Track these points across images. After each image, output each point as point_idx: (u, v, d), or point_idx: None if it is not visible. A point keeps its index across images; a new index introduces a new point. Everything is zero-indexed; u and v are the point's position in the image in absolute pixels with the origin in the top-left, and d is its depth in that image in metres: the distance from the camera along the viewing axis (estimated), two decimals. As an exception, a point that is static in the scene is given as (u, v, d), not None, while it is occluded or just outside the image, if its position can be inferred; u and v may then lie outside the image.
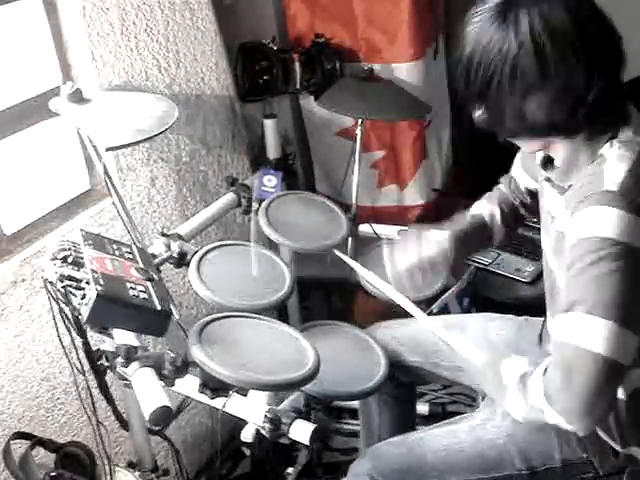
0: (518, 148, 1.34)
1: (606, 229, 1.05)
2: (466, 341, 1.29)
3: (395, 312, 1.55)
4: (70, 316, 1.30)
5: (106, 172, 1.58)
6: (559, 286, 1.23)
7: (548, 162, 1.25)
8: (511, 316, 1.59)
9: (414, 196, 2.39)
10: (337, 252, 1.62)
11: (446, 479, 1.33)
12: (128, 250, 1.39)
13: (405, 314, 1.43)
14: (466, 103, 1.17)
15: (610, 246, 1.04)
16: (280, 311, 2.14)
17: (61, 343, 1.37)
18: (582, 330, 1.03)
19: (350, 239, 1.87)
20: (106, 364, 1.26)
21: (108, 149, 1.46)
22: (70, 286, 1.23)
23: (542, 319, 1.52)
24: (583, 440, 1.29)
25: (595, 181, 1.10)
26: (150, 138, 1.48)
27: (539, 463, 1.31)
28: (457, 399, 2.22)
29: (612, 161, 1.11)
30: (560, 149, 1.18)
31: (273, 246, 1.75)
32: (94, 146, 1.55)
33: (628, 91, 1.22)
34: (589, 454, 1.30)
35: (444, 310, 2.03)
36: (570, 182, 1.18)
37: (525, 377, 1.11)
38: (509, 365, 1.16)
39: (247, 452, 1.91)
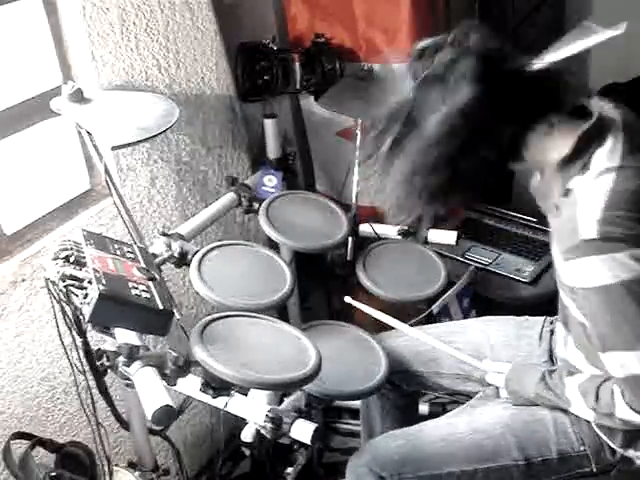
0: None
1: (603, 278, 1.08)
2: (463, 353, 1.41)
3: (395, 312, 1.56)
4: (71, 316, 1.30)
5: (106, 172, 1.58)
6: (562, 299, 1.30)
7: None
8: (511, 317, 1.60)
9: (414, 196, 2.38)
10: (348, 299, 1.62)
11: (444, 470, 1.34)
12: (130, 250, 1.39)
13: (405, 316, 1.44)
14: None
15: (615, 291, 1.07)
16: (280, 311, 2.14)
17: (62, 343, 1.36)
18: (634, 362, 1.10)
19: (350, 239, 1.87)
20: (107, 364, 1.25)
21: (113, 148, 1.46)
22: (72, 285, 1.23)
23: (542, 318, 1.52)
24: (581, 435, 1.31)
25: (574, 228, 1.10)
26: (153, 137, 1.48)
27: (536, 454, 1.33)
28: (457, 399, 2.21)
29: (585, 203, 1.11)
30: (535, 179, 1.22)
31: (273, 246, 1.75)
32: (95, 146, 1.55)
33: (626, 91, 1.22)
34: (586, 448, 1.31)
35: (444, 310, 2.03)
36: (549, 204, 1.20)
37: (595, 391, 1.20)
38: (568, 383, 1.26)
39: (247, 452, 1.91)
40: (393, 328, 1.55)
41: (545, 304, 1.49)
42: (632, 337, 1.09)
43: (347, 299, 1.61)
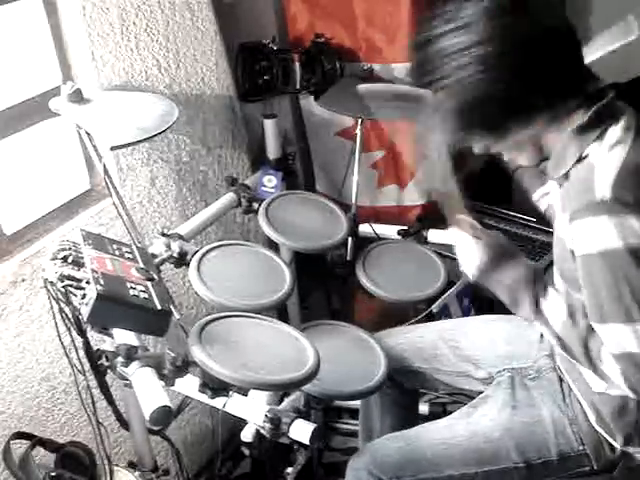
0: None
1: (610, 241, 1.07)
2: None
3: (395, 312, 1.56)
4: (70, 316, 1.30)
5: (106, 172, 1.58)
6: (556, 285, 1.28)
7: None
8: (513, 316, 1.60)
9: (414, 196, 2.38)
10: None
11: (443, 472, 1.35)
12: (128, 250, 1.39)
13: (405, 315, 1.43)
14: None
15: (620, 256, 1.06)
16: (280, 311, 2.14)
17: (61, 343, 1.36)
18: (634, 338, 1.08)
19: (350, 239, 1.87)
20: (106, 364, 1.25)
21: (113, 148, 1.46)
22: (70, 286, 1.23)
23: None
24: (580, 434, 1.31)
25: (587, 188, 1.11)
26: (152, 137, 1.48)
27: (535, 456, 1.33)
28: (457, 399, 2.22)
29: (601, 166, 1.12)
30: (551, 144, 1.19)
31: (273, 246, 1.75)
32: (94, 146, 1.55)
33: (626, 91, 1.22)
34: (586, 447, 1.31)
35: (444, 310, 2.03)
36: (559, 174, 1.20)
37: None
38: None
39: (247, 452, 1.91)
40: (392, 327, 1.54)
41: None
42: (632, 308, 1.07)
43: None
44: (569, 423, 1.32)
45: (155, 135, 1.48)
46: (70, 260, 1.27)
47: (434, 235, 1.90)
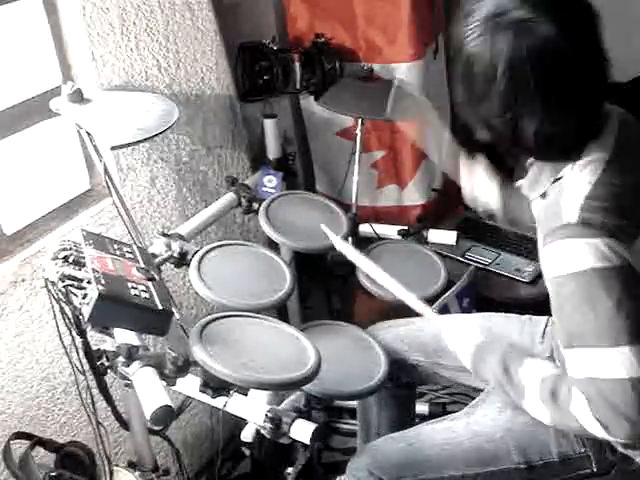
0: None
1: (578, 263, 1.06)
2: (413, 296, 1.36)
3: (396, 312, 1.56)
4: (71, 316, 1.30)
5: (106, 172, 1.58)
6: None
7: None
8: (514, 314, 1.60)
9: (414, 196, 2.39)
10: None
11: (444, 473, 1.34)
12: (129, 250, 1.39)
13: (406, 313, 1.43)
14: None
15: (588, 278, 1.05)
16: (280, 311, 2.14)
17: (62, 343, 1.36)
18: (599, 363, 1.05)
19: (350, 239, 1.87)
20: (107, 364, 1.25)
21: (113, 148, 1.47)
22: (71, 286, 1.23)
23: (546, 317, 1.52)
24: (581, 436, 1.30)
25: (556, 212, 1.10)
26: (153, 137, 1.48)
27: (536, 457, 1.32)
28: (457, 399, 2.22)
29: (569, 189, 1.11)
30: (527, 163, 1.21)
31: (273, 246, 1.75)
32: (94, 146, 1.55)
33: (626, 91, 1.22)
34: (587, 449, 1.31)
35: (444, 310, 2.03)
36: (536, 194, 1.20)
37: (554, 388, 1.13)
38: (526, 366, 1.19)
39: (247, 452, 1.91)
40: (388, 319, 1.53)
41: (545, 304, 1.49)
42: (600, 332, 1.05)
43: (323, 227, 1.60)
44: None
45: (155, 135, 1.48)
46: (71, 260, 1.27)
47: (434, 235, 1.90)
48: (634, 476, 1.33)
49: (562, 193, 1.12)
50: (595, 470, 1.32)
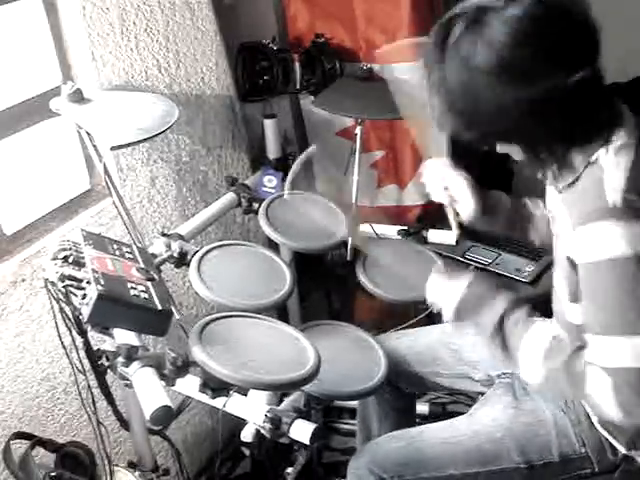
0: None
1: (619, 248, 1.03)
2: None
3: (395, 313, 1.56)
4: (71, 316, 1.30)
5: (106, 172, 1.58)
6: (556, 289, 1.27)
7: None
8: None
9: (414, 196, 2.38)
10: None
11: (445, 472, 1.34)
12: (129, 250, 1.39)
13: (405, 315, 1.43)
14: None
15: (628, 265, 1.03)
16: (280, 311, 2.14)
17: (62, 343, 1.37)
18: (634, 352, 1.03)
19: (350, 239, 1.86)
20: (106, 364, 1.25)
21: (113, 148, 1.46)
22: (71, 286, 1.23)
23: (541, 319, 1.52)
24: (582, 436, 1.30)
25: (597, 194, 1.07)
26: (153, 137, 1.48)
27: (537, 457, 1.33)
28: (457, 399, 2.22)
29: (610, 171, 1.09)
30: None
31: (273, 246, 1.75)
32: (94, 146, 1.55)
33: (626, 91, 1.22)
34: (588, 449, 1.31)
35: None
36: (565, 182, 1.17)
37: (568, 356, 1.11)
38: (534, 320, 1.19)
39: (247, 452, 1.91)
40: (392, 327, 1.54)
41: (545, 304, 1.49)
42: (633, 320, 1.03)
43: None
44: (571, 425, 1.32)
45: (155, 135, 1.49)
46: (71, 260, 1.27)
47: (434, 235, 1.90)
48: (636, 476, 1.33)
49: (603, 175, 1.09)
50: (597, 470, 1.32)
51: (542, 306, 1.44)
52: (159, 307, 1.23)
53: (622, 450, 1.29)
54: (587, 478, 1.34)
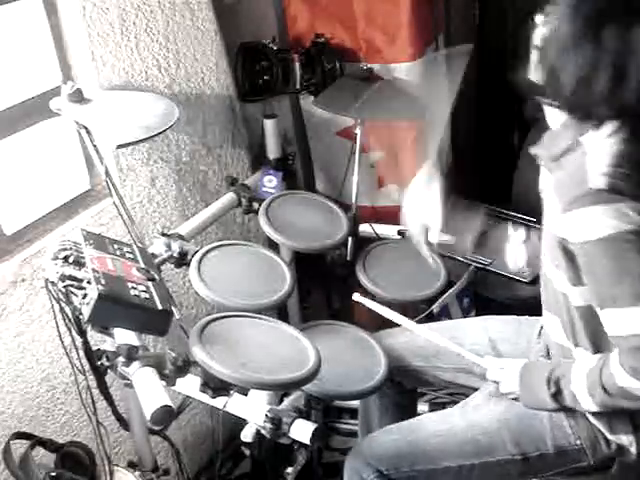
0: (520, 150, 1.35)
1: (606, 228, 1.10)
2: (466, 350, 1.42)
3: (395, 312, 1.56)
4: (71, 316, 1.30)
5: (107, 172, 1.58)
6: (546, 274, 1.32)
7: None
8: (511, 316, 1.60)
9: (414, 196, 2.38)
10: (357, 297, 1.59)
11: (440, 464, 1.35)
12: (129, 250, 1.39)
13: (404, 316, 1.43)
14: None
15: (619, 242, 1.10)
16: (280, 311, 2.14)
17: (62, 343, 1.36)
18: (636, 321, 1.11)
19: (350, 239, 1.87)
20: (107, 364, 1.25)
21: (119, 146, 1.47)
22: (71, 286, 1.23)
23: (540, 317, 1.53)
24: (575, 427, 1.31)
25: (581, 178, 1.13)
26: (153, 136, 1.48)
27: (532, 449, 1.34)
28: (457, 399, 2.21)
29: (594, 155, 1.15)
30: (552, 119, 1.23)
31: (273, 246, 1.75)
32: (95, 146, 1.55)
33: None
34: (582, 441, 1.32)
35: (444, 310, 2.03)
36: (553, 151, 1.22)
37: (597, 375, 1.19)
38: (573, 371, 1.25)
39: (247, 452, 1.91)
40: (395, 326, 1.54)
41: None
42: (634, 292, 1.10)
43: (355, 297, 1.58)
44: (565, 417, 1.32)
45: (155, 135, 1.49)
46: (71, 260, 1.27)
47: (434, 235, 1.90)
48: (631, 471, 1.34)
49: (585, 158, 1.15)
50: (593, 463, 1.33)
51: (542, 306, 1.45)
52: (159, 307, 1.23)
53: (609, 436, 1.30)
54: (584, 473, 1.35)
